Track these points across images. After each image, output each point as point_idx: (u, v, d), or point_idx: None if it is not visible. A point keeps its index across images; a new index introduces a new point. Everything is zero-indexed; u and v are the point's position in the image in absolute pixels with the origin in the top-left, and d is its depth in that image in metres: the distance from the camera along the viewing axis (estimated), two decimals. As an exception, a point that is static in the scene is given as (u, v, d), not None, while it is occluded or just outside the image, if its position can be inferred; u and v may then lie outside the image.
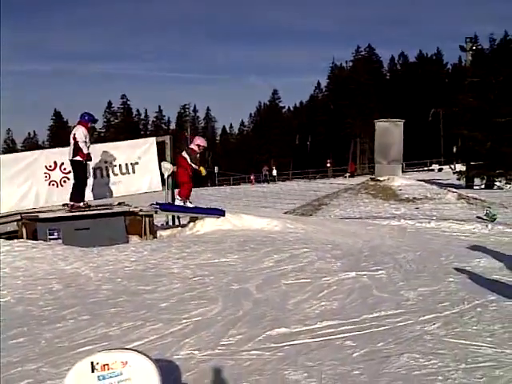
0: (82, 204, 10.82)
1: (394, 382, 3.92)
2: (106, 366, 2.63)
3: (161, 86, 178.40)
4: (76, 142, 10.53)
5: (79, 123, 10.93)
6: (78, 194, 10.79)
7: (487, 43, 77.21)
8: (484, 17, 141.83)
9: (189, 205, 11.62)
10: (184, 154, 11.67)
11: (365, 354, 4.48)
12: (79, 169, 10.75)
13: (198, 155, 11.75)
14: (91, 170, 11.68)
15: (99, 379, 2.62)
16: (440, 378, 3.96)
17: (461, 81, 39.07)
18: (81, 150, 10.52)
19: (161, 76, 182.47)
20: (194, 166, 11.59)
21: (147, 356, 2.67)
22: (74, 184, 10.89)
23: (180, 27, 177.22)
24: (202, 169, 11.90)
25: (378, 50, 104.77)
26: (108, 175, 11.82)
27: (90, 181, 11.61)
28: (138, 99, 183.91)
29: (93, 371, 2.62)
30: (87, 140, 10.69)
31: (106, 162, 11.82)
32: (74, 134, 10.61)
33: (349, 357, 4.42)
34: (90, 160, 10.95)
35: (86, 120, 11.00)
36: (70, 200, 10.79)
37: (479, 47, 50.08)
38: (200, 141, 12.01)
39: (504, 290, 6.48)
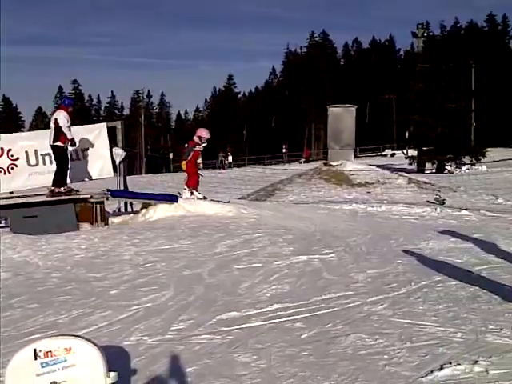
0: (62, 189, 10.78)
1: (340, 361, 3.99)
2: (49, 353, 2.59)
3: (113, 71, 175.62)
4: (57, 127, 10.47)
5: (60, 108, 10.94)
6: (59, 178, 10.77)
7: (438, 30, 78.87)
8: (435, 4, 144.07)
9: (197, 195, 11.96)
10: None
11: (313, 335, 4.55)
12: (60, 154, 10.72)
13: (200, 147, 12.13)
14: (40, 157, 11.42)
15: (42, 366, 2.58)
16: (385, 356, 4.05)
17: (413, 67, 39.67)
18: (64, 134, 10.48)
19: (113, 60, 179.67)
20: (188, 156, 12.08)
21: (92, 342, 2.64)
22: (56, 169, 10.83)
23: (134, 11, 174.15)
24: (183, 163, 12.26)
25: (333, 36, 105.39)
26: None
27: (40, 167, 11.36)
28: (90, 84, 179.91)
29: (36, 358, 2.58)
30: (69, 125, 10.64)
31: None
32: (56, 119, 10.54)
33: (298, 338, 4.48)
34: (74, 145, 10.90)
35: (67, 104, 11.04)
36: (52, 185, 10.79)
37: (430, 34, 51.07)
38: (201, 132, 12.24)
39: (450, 270, 6.67)
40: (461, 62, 34.72)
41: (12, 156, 11.16)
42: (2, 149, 11.11)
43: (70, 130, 10.58)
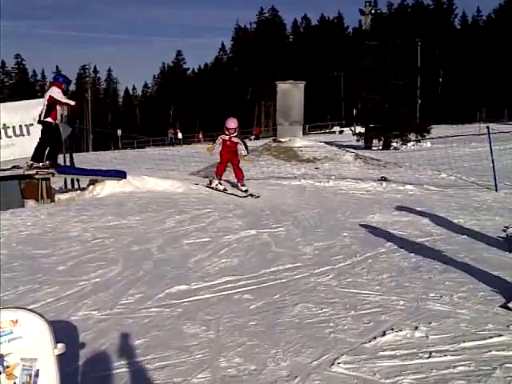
0: (41, 164, 10.59)
1: (287, 330, 4.11)
2: (-6, 326, 2.58)
3: (59, 46, 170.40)
4: (50, 104, 10.51)
5: (53, 84, 10.96)
6: (39, 154, 10.64)
7: (386, 8, 79.69)
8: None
9: (216, 184, 11.33)
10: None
11: (261, 306, 4.65)
12: (48, 130, 10.64)
13: (226, 136, 11.31)
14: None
15: (-12, 339, 2.57)
16: (331, 324, 4.19)
17: (361, 44, 40.06)
18: (55, 111, 10.57)
19: (58, 35, 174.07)
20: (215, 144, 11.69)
21: (39, 314, 2.64)
22: (38, 144, 10.70)
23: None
24: (207, 147, 12.12)
25: (282, 13, 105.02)
26: (0, 137, 11.24)
27: None
28: (34, 59, 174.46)
29: (-20, 331, 2.57)
30: (65, 96, 10.92)
31: (-2, 124, 11.23)
32: (51, 96, 10.54)
33: (246, 309, 4.57)
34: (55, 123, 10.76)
35: (60, 81, 11.15)
36: (31, 159, 10.64)
37: (378, 11, 51.56)
38: (226, 124, 11.48)
39: (394, 242, 6.88)
40: (407, 40, 35.11)
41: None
42: None
43: (68, 98, 10.99)
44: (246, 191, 10.98)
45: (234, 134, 11.19)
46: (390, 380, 3.28)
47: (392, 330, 3.99)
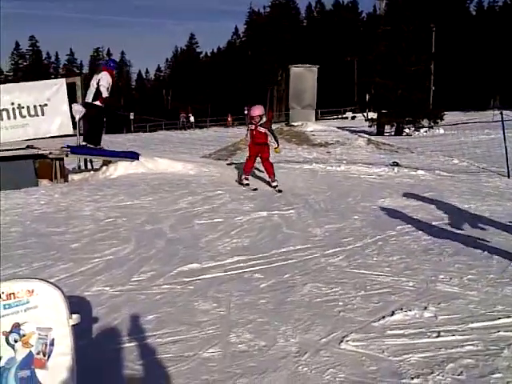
0: (98, 147, 11.25)
1: (297, 308, 4.16)
2: (11, 295, 2.64)
3: (73, 28, 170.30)
4: (98, 87, 10.93)
5: (104, 69, 11.34)
6: (93, 137, 11.26)
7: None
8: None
9: (243, 180, 10.17)
10: None
11: (271, 284, 4.70)
12: (96, 113, 11.14)
13: (252, 126, 10.00)
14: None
15: (5, 308, 2.63)
16: (340, 303, 4.23)
17: (375, 29, 39.69)
18: (101, 94, 10.91)
19: (73, 17, 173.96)
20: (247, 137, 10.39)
21: (54, 284, 2.70)
22: (89, 128, 11.29)
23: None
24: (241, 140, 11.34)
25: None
26: (15, 117, 11.31)
27: None
28: (48, 41, 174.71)
29: (-2, 300, 2.63)
30: (109, 87, 11.08)
31: (12, 104, 11.28)
32: (99, 80, 11.00)
33: (256, 288, 4.62)
34: (103, 104, 11.14)
35: (112, 67, 11.63)
36: (87, 142, 11.24)
37: (393, -4, 50.90)
38: (250, 112, 10.28)
39: (405, 226, 6.90)
40: (422, 25, 34.78)
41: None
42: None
43: (108, 90, 10.99)
44: (276, 187, 9.81)
45: (260, 123, 9.90)
46: (397, 358, 3.32)
47: (401, 309, 4.03)
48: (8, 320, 2.64)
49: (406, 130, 31.21)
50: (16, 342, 2.66)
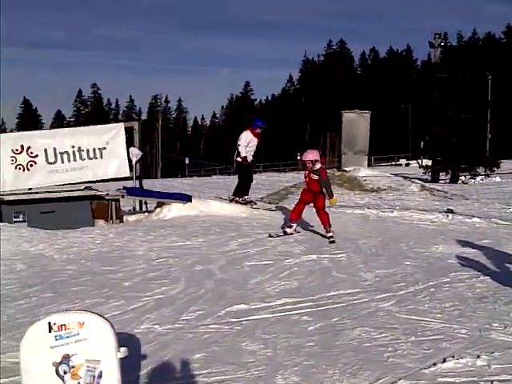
0: (241, 199, 12.04)
1: (345, 352, 4.09)
2: (63, 327, 2.72)
3: (133, 76, 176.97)
4: (238, 145, 11.89)
5: (246, 128, 12.28)
6: (238, 189, 12.20)
7: (455, 40, 78.58)
8: (453, 14, 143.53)
9: (288, 230, 9.39)
10: None
11: (319, 327, 4.65)
12: (240, 169, 12.31)
13: (307, 173, 9.26)
14: (58, 155, 11.58)
15: (56, 339, 2.71)
16: (390, 349, 4.15)
17: (429, 77, 39.58)
18: (239, 153, 11.86)
19: (133, 66, 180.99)
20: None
21: (104, 318, 2.76)
22: (238, 182, 12.35)
23: (153, 16, 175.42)
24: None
25: (350, 45, 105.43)
26: (75, 160, 11.73)
27: (58, 165, 11.53)
28: (109, 89, 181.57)
29: (50, 331, 2.71)
30: (250, 144, 11.91)
31: (73, 147, 11.72)
32: (240, 138, 11.99)
33: (304, 330, 4.59)
34: (246, 163, 11.98)
35: (254, 127, 12.16)
36: (233, 194, 12.30)
37: (448, 44, 50.90)
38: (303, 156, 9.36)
39: (458, 273, 6.72)
40: (477, 73, 34.51)
41: (31, 153, 11.34)
42: (21, 146, 11.29)
43: (245, 149, 11.80)
44: (330, 237, 8.91)
45: (315, 169, 9.06)
46: (448, 406, 3.22)
47: (453, 357, 3.91)
48: (59, 351, 2.71)
49: (462, 178, 30.59)
50: (65, 373, 2.73)
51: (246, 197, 12.12)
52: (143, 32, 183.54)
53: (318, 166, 9.13)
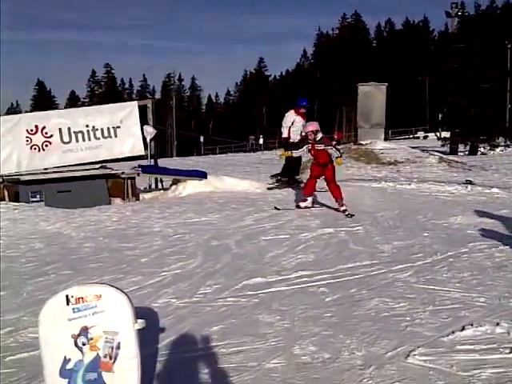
0: (284, 179, 12.01)
1: (363, 322, 4.08)
2: (80, 299, 2.73)
3: (146, 55, 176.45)
4: (282, 126, 11.79)
5: (291, 109, 12.03)
6: (284, 170, 12.08)
7: (473, 9, 77.06)
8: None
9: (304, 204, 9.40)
10: None
11: (337, 299, 4.64)
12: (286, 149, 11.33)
13: (311, 146, 9.18)
14: (73, 135, 11.61)
15: (74, 311, 2.73)
16: (408, 318, 4.13)
17: (446, 47, 38.97)
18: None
19: (145, 44, 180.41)
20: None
21: (121, 290, 2.77)
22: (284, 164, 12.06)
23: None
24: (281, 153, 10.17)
25: (365, 18, 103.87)
26: (90, 139, 11.76)
27: (73, 145, 11.58)
28: (122, 68, 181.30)
29: (68, 304, 2.73)
30: (293, 124, 11.58)
31: (87, 126, 11.75)
32: (284, 119, 11.84)
33: (321, 301, 4.58)
34: (285, 142, 11.63)
35: (297, 107, 11.94)
36: (278, 174, 12.25)
37: (465, 13, 49.92)
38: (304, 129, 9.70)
39: (477, 243, 6.66)
40: (496, 42, 33.87)
41: (46, 133, 11.39)
42: (36, 126, 11.34)
43: (288, 129, 11.56)
44: (345, 211, 8.89)
45: (317, 139, 9.05)
46: (467, 373, 3.19)
47: (471, 325, 3.88)
48: (76, 323, 2.73)
49: (481, 149, 30.22)
50: (84, 345, 2.75)
51: (296, 177, 11.96)
52: (155, 10, 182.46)
53: (319, 135, 9.13)
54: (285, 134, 11.62)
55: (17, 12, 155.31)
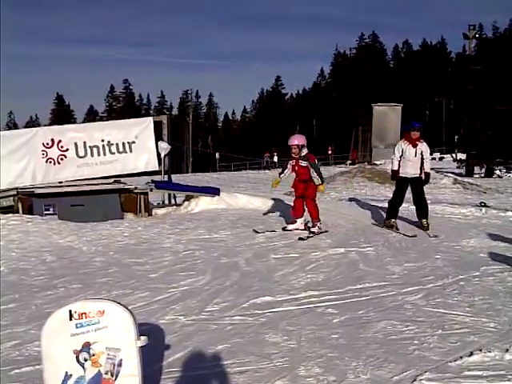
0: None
1: (370, 344, 4.03)
2: (83, 315, 2.74)
3: (164, 72, 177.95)
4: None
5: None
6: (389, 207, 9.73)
7: (491, 32, 76.94)
8: (488, 5, 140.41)
9: (289, 226, 9.02)
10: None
11: (344, 320, 4.59)
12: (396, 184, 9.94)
13: (295, 162, 9.09)
14: (88, 149, 11.70)
15: (77, 327, 2.73)
16: (416, 342, 4.07)
17: (464, 69, 38.90)
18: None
19: (163, 61, 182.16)
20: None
21: (124, 306, 2.77)
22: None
23: (183, 12, 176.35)
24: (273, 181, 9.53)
25: (382, 38, 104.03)
26: (105, 153, 11.84)
27: (88, 159, 11.66)
28: (141, 84, 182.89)
29: (71, 319, 2.73)
30: (404, 155, 9.43)
31: (102, 141, 11.84)
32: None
33: (329, 322, 4.54)
34: (397, 178, 9.71)
35: (406, 129, 9.95)
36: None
37: (483, 35, 49.92)
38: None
39: (489, 266, 6.58)
40: (512, 64, 33.72)
41: (62, 147, 11.48)
42: (52, 140, 11.44)
43: (395, 162, 9.58)
44: (312, 232, 8.63)
45: (302, 155, 8.84)
46: (474, 400, 3.14)
47: (480, 350, 3.81)
48: (79, 339, 2.73)
49: (497, 172, 30.01)
50: (86, 360, 2.74)
51: (391, 220, 9.49)
52: (173, 28, 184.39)
53: (305, 151, 8.86)
54: (392, 167, 9.81)
55: (37, 27, 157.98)
